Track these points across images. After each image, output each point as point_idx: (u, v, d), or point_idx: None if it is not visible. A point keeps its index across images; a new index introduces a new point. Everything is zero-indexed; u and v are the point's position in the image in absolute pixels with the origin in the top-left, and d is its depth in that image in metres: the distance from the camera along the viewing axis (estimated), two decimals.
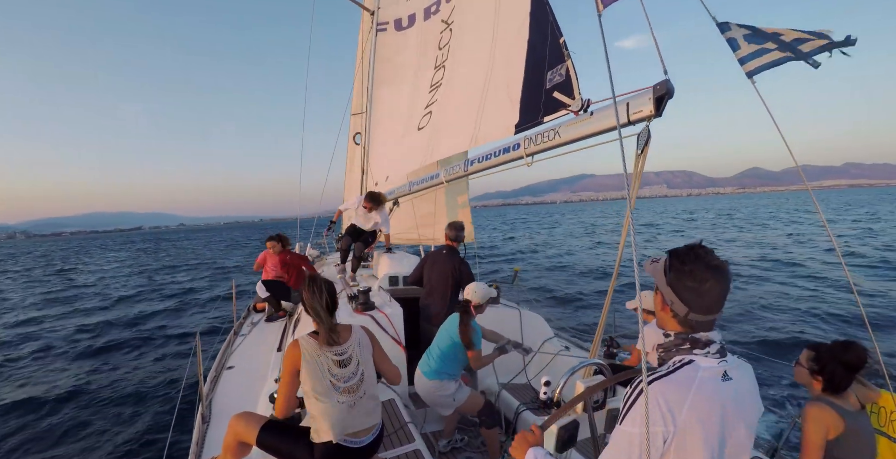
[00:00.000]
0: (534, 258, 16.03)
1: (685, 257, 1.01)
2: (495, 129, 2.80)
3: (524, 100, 2.51)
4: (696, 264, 0.99)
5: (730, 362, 1.01)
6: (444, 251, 3.59)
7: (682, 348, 1.02)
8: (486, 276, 11.01)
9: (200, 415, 2.88)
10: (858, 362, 1.70)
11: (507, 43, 2.73)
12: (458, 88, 3.55)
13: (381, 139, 5.00)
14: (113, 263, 32.21)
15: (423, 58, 4.34)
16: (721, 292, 0.98)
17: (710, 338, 1.01)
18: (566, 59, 2.19)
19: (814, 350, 1.82)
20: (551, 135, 2.26)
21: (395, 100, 4.80)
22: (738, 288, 10.55)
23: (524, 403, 2.92)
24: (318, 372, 1.85)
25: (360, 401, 1.91)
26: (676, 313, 1.02)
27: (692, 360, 1.00)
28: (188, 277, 20.29)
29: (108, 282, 19.94)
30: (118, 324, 10.62)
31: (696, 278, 0.97)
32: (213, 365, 3.98)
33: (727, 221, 37.36)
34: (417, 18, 4.49)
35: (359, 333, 2.02)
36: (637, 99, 1.80)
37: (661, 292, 1.06)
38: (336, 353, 1.89)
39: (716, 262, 0.98)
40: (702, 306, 0.98)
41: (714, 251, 1.02)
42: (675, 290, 1.01)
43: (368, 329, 2.13)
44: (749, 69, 1.91)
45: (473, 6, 3.40)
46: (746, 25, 2.05)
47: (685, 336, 1.02)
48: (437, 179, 3.52)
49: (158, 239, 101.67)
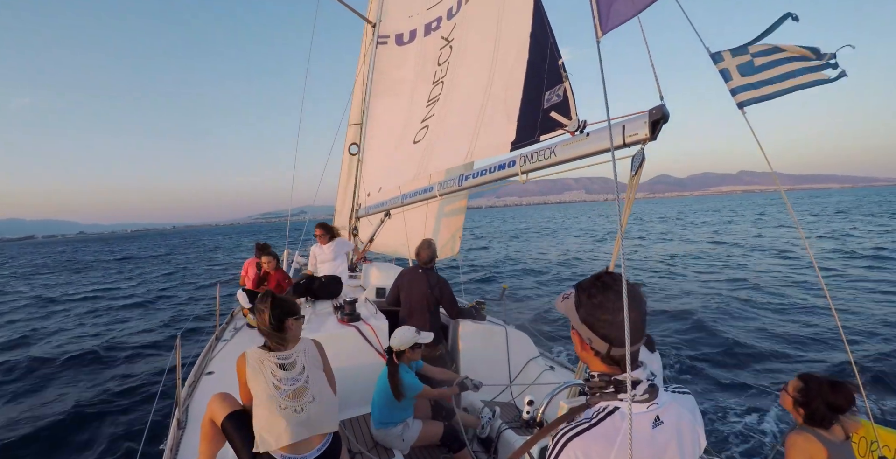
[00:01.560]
0: (512, 271, 15.99)
1: (592, 289, 0.94)
2: (491, 146, 2.83)
3: (522, 118, 2.55)
4: (605, 295, 0.92)
5: (662, 402, 0.94)
6: (419, 270, 3.55)
7: (607, 392, 0.94)
8: (470, 292, 10.96)
9: (176, 420, 2.79)
10: (845, 404, 1.70)
11: (507, 62, 2.79)
12: (456, 104, 3.60)
13: (376, 150, 5.01)
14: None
15: (421, 72, 4.40)
16: (638, 319, 0.91)
17: (634, 378, 0.92)
18: (564, 81, 2.24)
19: (803, 381, 1.81)
20: (547, 153, 2.29)
21: (391, 112, 4.84)
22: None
23: (506, 421, 2.88)
24: (261, 375, 1.90)
25: (308, 407, 1.90)
26: (598, 351, 0.95)
27: (617, 408, 0.92)
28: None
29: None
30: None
31: (609, 309, 0.91)
32: (193, 370, 3.88)
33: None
34: (418, 34, 4.57)
35: (305, 343, 2.09)
36: (633, 122, 1.83)
37: (577, 331, 0.99)
38: (279, 357, 1.96)
39: (628, 288, 0.92)
40: (620, 339, 0.89)
41: (621, 276, 0.95)
42: (590, 327, 0.94)
43: (320, 344, 2.18)
44: (740, 100, 1.96)
45: (475, 25, 3.47)
46: (740, 47, 2.08)
47: (608, 378, 0.95)
48: (430, 193, 3.53)
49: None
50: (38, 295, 17.29)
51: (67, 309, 13.67)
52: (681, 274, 13.77)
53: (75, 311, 13.07)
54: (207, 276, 21.02)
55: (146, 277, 21.99)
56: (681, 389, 1.06)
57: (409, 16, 4.71)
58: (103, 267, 30.08)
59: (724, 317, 8.42)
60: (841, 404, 1.69)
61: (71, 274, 26.26)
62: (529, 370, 3.56)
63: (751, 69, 2.04)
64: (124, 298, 15.13)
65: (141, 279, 21.28)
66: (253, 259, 5.54)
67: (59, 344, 9.00)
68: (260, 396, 1.88)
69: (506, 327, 3.72)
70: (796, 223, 1.71)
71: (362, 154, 5.28)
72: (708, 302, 9.53)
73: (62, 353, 8.13)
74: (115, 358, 7.88)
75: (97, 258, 42.45)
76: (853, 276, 11.92)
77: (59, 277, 25.08)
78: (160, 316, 11.71)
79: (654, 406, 0.92)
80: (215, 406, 2.02)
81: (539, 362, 3.66)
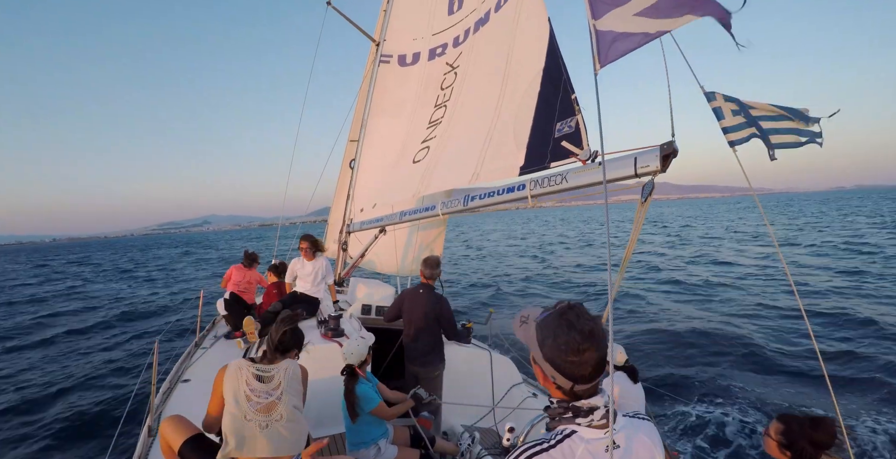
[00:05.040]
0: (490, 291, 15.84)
1: (558, 330, 0.95)
2: (499, 170, 2.96)
3: (531, 145, 2.69)
4: (570, 335, 0.93)
5: (619, 428, 0.98)
6: (420, 290, 3.57)
7: (565, 417, 0.98)
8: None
9: (147, 428, 2.74)
10: (829, 440, 1.73)
11: (517, 92, 2.95)
12: (460, 128, 3.74)
13: (372, 167, 5.09)
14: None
15: (423, 95, 4.55)
16: (599, 356, 0.93)
17: (592, 405, 0.96)
18: (577, 114, 2.40)
19: (783, 423, 1.83)
20: (558, 179, 2.43)
21: (391, 131, 4.95)
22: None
23: (486, 448, 2.88)
24: (236, 382, 1.90)
25: (275, 424, 1.88)
26: (560, 386, 0.98)
27: (575, 431, 0.95)
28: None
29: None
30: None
31: (574, 350, 0.92)
32: (169, 377, 3.80)
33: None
34: (422, 57, 4.74)
35: (291, 364, 2.08)
36: (645, 155, 2.00)
37: (538, 365, 1.01)
38: (258, 369, 1.96)
39: (589, 327, 0.93)
40: (584, 376, 0.94)
41: (584, 310, 0.97)
42: (555, 366, 0.96)
43: (306, 371, 2.18)
44: (731, 139, 2.17)
45: (483, 55, 3.66)
46: (731, 98, 2.32)
47: (566, 404, 0.99)
48: (433, 211, 3.61)
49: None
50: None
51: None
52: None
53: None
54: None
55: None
56: (640, 416, 1.08)
57: (414, 38, 4.89)
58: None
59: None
60: (825, 440, 1.72)
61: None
62: (513, 396, 3.55)
63: (741, 114, 2.27)
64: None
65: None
66: (239, 266, 5.42)
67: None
68: (230, 402, 1.87)
69: (490, 351, 3.73)
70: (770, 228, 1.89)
71: (356, 170, 5.33)
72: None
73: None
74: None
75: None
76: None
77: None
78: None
79: (611, 431, 0.96)
80: (169, 431, 2.00)
81: (522, 388, 3.66)
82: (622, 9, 1.93)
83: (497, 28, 3.48)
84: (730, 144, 2.13)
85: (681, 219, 58.48)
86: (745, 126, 2.21)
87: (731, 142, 2.15)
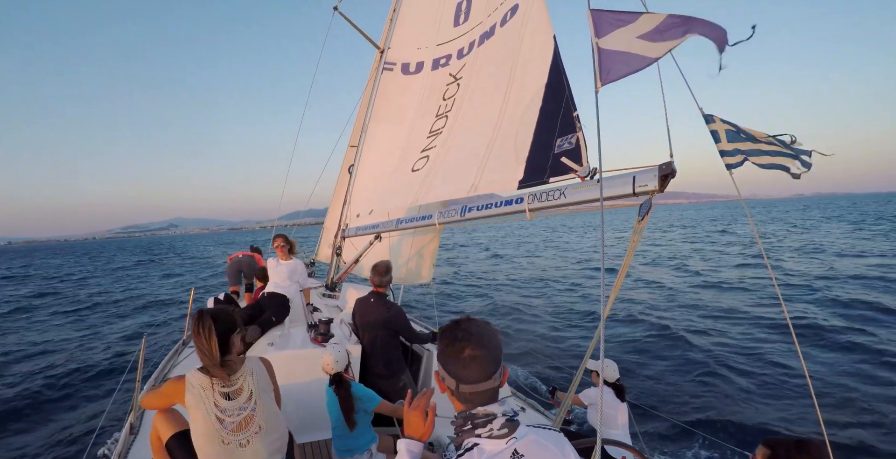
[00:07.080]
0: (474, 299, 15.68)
1: (447, 332, 1.03)
2: (497, 182, 2.97)
3: (531, 159, 2.71)
4: (454, 334, 1.00)
5: (521, 436, 0.98)
6: (371, 298, 3.44)
7: (465, 429, 0.99)
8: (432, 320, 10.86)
9: (129, 425, 2.68)
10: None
11: (519, 107, 2.97)
12: (461, 139, 3.75)
13: (371, 173, 5.09)
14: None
15: (425, 104, 4.57)
16: (480, 355, 0.97)
17: (488, 412, 0.98)
18: (577, 131, 2.42)
19: (770, 448, 1.83)
20: (557, 194, 2.44)
21: (391, 138, 4.96)
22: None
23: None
24: (202, 408, 1.73)
25: (254, 439, 1.78)
26: (449, 387, 1.02)
27: (476, 444, 0.95)
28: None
29: None
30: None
31: (457, 349, 0.98)
32: (155, 373, 3.74)
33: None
34: (425, 67, 4.77)
35: (252, 363, 1.92)
36: (643, 174, 2.02)
37: (437, 372, 1.07)
38: (222, 385, 1.78)
39: (473, 328, 1.00)
40: (469, 377, 0.97)
41: (476, 319, 1.05)
42: (443, 367, 1.02)
43: (268, 360, 2.03)
44: (728, 162, 2.21)
45: (487, 69, 3.69)
46: (728, 121, 2.36)
47: (465, 414, 1.00)
48: (429, 221, 3.61)
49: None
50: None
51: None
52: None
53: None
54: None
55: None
56: (547, 427, 1.09)
57: (418, 48, 4.93)
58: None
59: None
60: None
61: None
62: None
63: (737, 137, 2.31)
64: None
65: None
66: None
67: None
68: (198, 430, 1.74)
69: None
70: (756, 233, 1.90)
71: (354, 175, 5.33)
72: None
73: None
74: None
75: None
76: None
77: None
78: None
79: (512, 440, 0.96)
80: (160, 424, 1.94)
81: (510, 401, 3.61)
82: (625, 30, 1.97)
83: (502, 42, 3.52)
84: (727, 167, 2.18)
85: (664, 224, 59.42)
86: (737, 152, 2.26)
87: (728, 165, 2.20)
